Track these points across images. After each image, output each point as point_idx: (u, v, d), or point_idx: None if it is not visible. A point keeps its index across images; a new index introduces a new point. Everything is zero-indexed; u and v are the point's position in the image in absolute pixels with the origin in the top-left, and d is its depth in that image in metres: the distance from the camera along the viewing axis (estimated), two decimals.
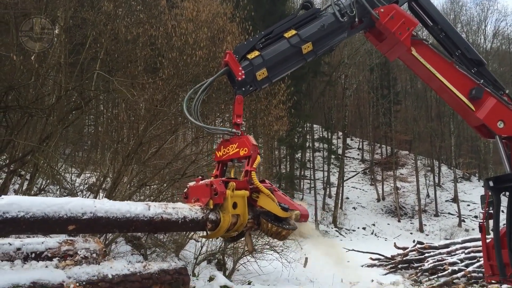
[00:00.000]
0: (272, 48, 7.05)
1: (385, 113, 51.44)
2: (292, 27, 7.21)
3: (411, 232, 40.90)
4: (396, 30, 7.67)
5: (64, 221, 4.36)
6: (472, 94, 7.83)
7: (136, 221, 4.97)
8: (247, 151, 6.19)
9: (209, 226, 5.78)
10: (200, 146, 16.91)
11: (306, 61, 7.48)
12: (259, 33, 7.20)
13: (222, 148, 6.55)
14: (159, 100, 12.39)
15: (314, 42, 7.33)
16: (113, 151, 13.56)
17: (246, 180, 6.04)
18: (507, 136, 8.06)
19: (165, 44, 13.21)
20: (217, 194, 5.72)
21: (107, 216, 4.64)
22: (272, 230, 6.16)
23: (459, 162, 52.26)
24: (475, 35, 58.04)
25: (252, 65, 6.80)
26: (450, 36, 8.28)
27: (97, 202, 4.72)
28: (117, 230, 5.71)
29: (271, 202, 6.14)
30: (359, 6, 7.64)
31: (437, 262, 19.25)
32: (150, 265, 5.72)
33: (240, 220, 5.90)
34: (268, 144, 34.74)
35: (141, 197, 14.90)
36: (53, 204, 4.29)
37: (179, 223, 5.50)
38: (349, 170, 50.73)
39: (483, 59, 8.31)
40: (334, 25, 7.48)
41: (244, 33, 14.88)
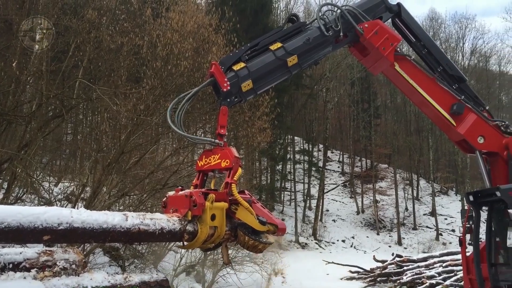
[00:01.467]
0: (258, 60, 7.06)
1: (365, 127, 52.02)
2: (278, 40, 7.23)
3: (389, 245, 41.18)
4: (380, 45, 7.81)
5: (39, 231, 4.37)
6: (453, 110, 7.96)
7: (112, 232, 4.97)
8: (229, 163, 6.21)
9: (186, 238, 5.74)
10: (182, 156, 16.81)
11: (291, 74, 7.50)
12: (245, 45, 7.21)
13: (204, 158, 6.51)
14: (142, 109, 12.30)
15: (299, 55, 7.37)
16: (93, 160, 13.39)
17: (225, 192, 6.04)
18: (487, 151, 8.20)
19: (149, 54, 13.16)
20: (196, 206, 5.72)
21: (84, 226, 4.65)
22: (249, 243, 6.17)
23: (437, 176, 53.03)
24: (453, 52, 59.27)
25: (238, 77, 6.79)
26: (432, 52, 8.42)
27: (74, 212, 4.69)
28: (93, 241, 5.66)
29: (249, 215, 6.13)
30: (344, 21, 7.73)
31: (415, 275, 19.42)
32: (131, 277, 5.62)
33: (218, 232, 5.91)
34: (250, 155, 34.74)
35: (121, 207, 14.70)
36: (29, 214, 4.27)
37: (156, 234, 5.49)
38: (329, 182, 50.98)
39: (464, 76, 8.50)
40: (319, 39, 7.53)
41: (229, 45, 14.92)
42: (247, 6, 35.61)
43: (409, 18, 8.59)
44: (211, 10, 15.92)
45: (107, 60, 14.03)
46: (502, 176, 7.98)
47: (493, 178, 8.14)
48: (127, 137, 12.25)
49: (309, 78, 48.11)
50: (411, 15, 8.67)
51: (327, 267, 25.32)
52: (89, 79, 13.82)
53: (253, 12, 36.05)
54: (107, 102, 11.60)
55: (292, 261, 22.57)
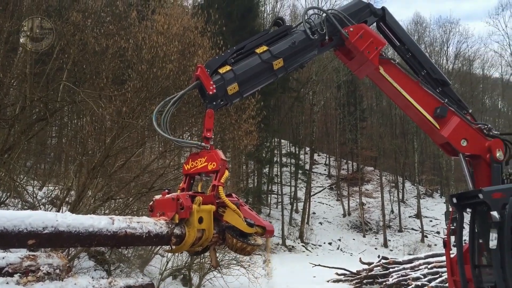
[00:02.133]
0: (244, 63, 7.05)
1: (351, 130, 52.35)
2: (264, 43, 7.25)
3: (376, 247, 41.43)
4: (364, 49, 7.84)
5: (24, 235, 4.30)
6: (436, 113, 8.05)
7: (99, 235, 4.89)
8: (216, 166, 6.17)
9: (173, 241, 5.72)
10: (168, 160, 16.72)
11: (277, 77, 7.54)
12: (231, 48, 7.22)
13: (190, 162, 6.48)
14: (127, 112, 12.22)
15: (285, 59, 7.39)
16: (77, 164, 13.26)
17: (213, 194, 6.00)
18: (470, 154, 8.29)
19: (135, 56, 13.08)
20: (183, 208, 5.68)
21: (69, 230, 4.57)
22: (237, 246, 6.14)
23: (422, 179, 53.53)
24: (437, 56, 60.01)
25: (224, 80, 6.75)
26: (416, 56, 8.49)
27: (59, 216, 4.62)
28: (79, 245, 5.59)
29: (237, 217, 6.09)
30: (329, 24, 7.77)
31: (401, 277, 19.54)
32: (116, 281, 5.56)
33: (205, 235, 5.88)
34: (236, 158, 34.70)
35: (107, 211, 14.57)
36: (14, 218, 4.19)
37: (143, 237, 5.44)
38: (316, 185, 51.15)
39: (448, 80, 8.58)
40: (305, 42, 7.59)
41: (215, 47, 14.90)
42: (234, 9, 35.66)
43: (394, 22, 8.67)
44: (197, 12, 15.89)
45: (91, 62, 13.91)
46: (485, 178, 8.06)
47: (476, 181, 8.21)
48: (112, 140, 12.15)
49: (295, 81, 48.29)
50: (395, 19, 8.75)
51: (314, 270, 25.39)
52: (74, 81, 13.70)
53: (240, 15, 36.10)
54: (91, 105, 11.51)
55: (279, 264, 22.59)
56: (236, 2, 36.48)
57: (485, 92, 66.64)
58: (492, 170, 7.96)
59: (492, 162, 7.96)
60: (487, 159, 8.00)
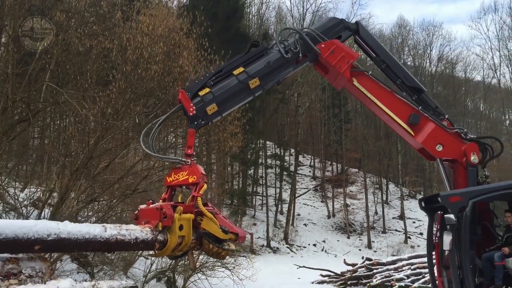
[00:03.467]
0: (221, 85, 7.65)
1: (336, 132, 52.65)
2: (241, 65, 7.82)
3: (360, 249, 41.71)
4: (336, 64, 8.31)
5: (32, 241, 4.86)
6: (410, 120, 8.35)
7: (94, 241, 5.48)
8: (196, 179, 6.90)
9: (157, 246, 6.30)
10: (152, 161, 16.62)
11: (254, 95, 8.12)
12: (210, 72, 7.81)
13: (173, 175, 7.19)
14: (111, 113, 12.11)
15: (260, 78, 7.92)
16: (60, 165, 13.10)
17: (192, 204, 6.67)
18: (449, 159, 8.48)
19: (119, 57, 12.97)
20: (166, 217, 6.29)
21: (69, 237, 5.15)
22: (213, 250, 6.87)
23: (406, 181, 54.07)
24: (421, 59, 60.81)
25: (203, 101, 7.43)
26: (390, 66, 8.83)
27: (61, 225, 5.21)
28: (77, 250, 6.27)
29: (213, 225, 6.74)
30: (303, 42, 8.31)
31: (385, 278, 19.71)
32: (99, 284, 5.51)
33: (185, 241, 6.45)
34: (221, 160, 34.65)
35: (89, 213, 14.44)
36: (23, 226, 4.82)
37: (131, 243, 6.04)
38: (301, 187, 51.30)
39: (422, 87, 8.87)
40: (280, 61, 8.09)
41: (200, 49, 14.86)
42: (219, 11, 35.61)
43: (367, 35, 9.10)
44: (182, 14, 15.82)
45: (75, 63, 13.75)
46: (462, 181, 8.24)
47: (456, 184, 8.40)
48: (96, 141, 12.04)
49: (280, 83, 48.37)
50: (368, 32, 9.25)
51: (299, 271, 25.45)
52: (57, 82, 13.53)
53: (225, 17, 36.07)
54: (75, 106, 11.39)
55: (263, 266, 22.57)
56: (221, 4, 36.44)
57: (467, 95, 67.61)
58: (467, 174, 8.14)
59: (468, 166, 8.13)
60: (463, 162, 8.18)
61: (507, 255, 7.74)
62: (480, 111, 70.79)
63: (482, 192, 7.63)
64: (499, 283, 7.65)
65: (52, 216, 11.66)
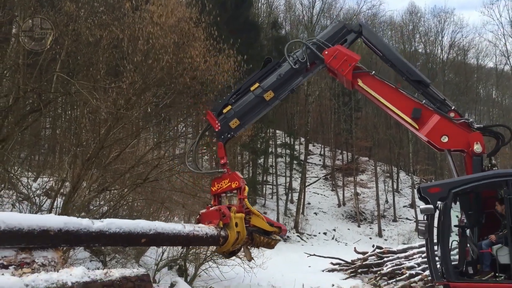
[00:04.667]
0: (241, 101, 9.04)
1: (346, 120, 52.39)
2: (257, 81, 9.09)
3: (370, 237, 41.72)
4: (338, 67, 9.05)
5: (139, 235, 6.48)
6: (412, 114, 8.72)
7: (179, 236, 7.13)
8: (238, 184, 8.49)
9: (221, 241, 7.94)
10: (163, 150, 16.71)
11: (271, 106, 9.38)
12: (231, 92, 9.40)
13: (216, 184, 8.89)
14: (122, 104, 12.17)
15: (274, 90, 9.07)
16: (72, 155, 13.21)
17: (241, 205, 8.34)
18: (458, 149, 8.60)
19: (130, 47, 12.98)
20: (225, 216, 7.91)
21: (163, 232, 6.79)
22: (264, 241, 8.61)
23: (417, 169, 53.77)
24: (432, 46, 60.08)
25: (226, 118, 8.95)
26: (394, 63, 9.32)
27: (156, 223, 7.00)
28: (168, 243, 8.43)
29: (261, 220, 8.53)
30: (309, 52, 9.24)
31: (395, 266, 19.72)
32: (111, 272, 5.59)
33: (241, 235, 8.01)
34: (231, 149, 34.70)
35: (101, 202, 14.59)
36: (132, 223, 6.44)
37: (203, 238, 7.75)
38: (311, 175, 51.30)
39: (426, 79, 9.22)
40: (290, 72, 9.16)
41: (209, 38, 14.82)
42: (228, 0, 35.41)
43: (370, 34, 9.72)
44: (191, 2, 15.76)
45: (85, 53, 13.80)
46: (469, 171, 8.37)
47: (466, 173, 8.54)
48: (107, 131, 12.11)
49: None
50: (372, 32, 9.93)
51: (309, 260, 25.55)
52: (68, 72, 13.59)
53: (234, 5, 35.86)
54: (86, 96, 11.46)
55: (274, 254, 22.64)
56: None
57: (479, 82, 66.84)
58: (472, 163, 8.29)
59: (473, 155, 8.27)
60: (469, 152, 8.35)
61: (493, 242, 7.90)
62: (493, 98, 69.98)
63: (462, 183, 7.91)
64: (486, 269, 7.87)
65: (65, 205, 11.81)
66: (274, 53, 43.23)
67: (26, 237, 5.26)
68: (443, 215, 7.84)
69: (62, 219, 5.76)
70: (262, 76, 9.30)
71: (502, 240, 7.72)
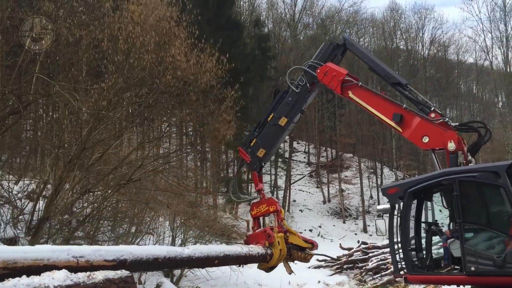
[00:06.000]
0: (262, 133, 10.86)
1: (330, 117, 52.65)
2: (272, 112, 10.76)
3: (355, 233, 42.05)
4: (329, 83, 10.18)
5: (214, 258, 9.02)
6: (393, 119, 9.29)
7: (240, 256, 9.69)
8: (276, 208, 10.65)
9: (268, 258, 10.00)
10: (146, 151, 16.59)
11: (288, 130, 11.06)
12: (253, 126, 11.61)
13: (254, 208, 11.06)
14: (104, 104, 12.05)
15: (286, 115, 10.57)
16: (54, 157, 13.04)
17: (280, 226, 10.50)
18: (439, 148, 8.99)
19: (110, 47, 12.84)
20: (270, 236, 9.97)
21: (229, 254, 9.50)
22: (301, 256, 10.74)
23: (400, 164, 54.32)
24: (413, 42, 60.64)
25: (253, 150, 10.83)
26: (375, 69, 10.25)
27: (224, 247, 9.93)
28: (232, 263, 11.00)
29: (297, 238, 10.61)
30: (306, 74, 10.57)
31: (380, 261, 19.92)
32: (94, 275, 5.56)
33: (282, 252, 10.09)
34: (216, 148, 34.66)
35: (85, 204, 14.43)
36: (208, 249, 9.20)
37: (256, 256, 9.93)
38: (296, 173, 51.48)
39: (403, 80, 9.90)
40: (295, 97, 10.56)
41: (190, 37, 14.75)
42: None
43: (352, 46, 10.75)
44: (172, 2, 15.65)
45: (65, 54, 13.62)
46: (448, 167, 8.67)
47: None
48: (88, 132, 11.98)
49: (273, 70, 48.21)
50: (353, 44, 10.97)
51: None
52: (47, 73, 13.41)
53: (216, 4, 35.68)
54: (67, 97, 11.32)
55: None
56: None
57: (460, 77, 67.68)
58: (449, 160, 8.68)
59: (449, 153, 8.66)
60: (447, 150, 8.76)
61: (449, 237, 8.24)
62: (473, 94, 70.97)
63: (417, 182, 8.42)
64: (446, 262, 8.25)
65: (47, 208, 11.66)
66: (257, 51, 43.26)
67: (146, 264, 7.42)
68: (402, 213, 8.36)
69: (165, 249, 8.42)
70: (274, 106, 10.78)
71: (455, 234, 8.01)
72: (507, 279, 7.26)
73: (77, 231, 13.63)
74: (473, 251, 7.57)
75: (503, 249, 7.39)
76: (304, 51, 46.31)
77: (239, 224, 31.68)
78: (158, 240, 16.88)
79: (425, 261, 8.37)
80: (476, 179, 7.72)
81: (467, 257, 7.57)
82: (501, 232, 7.62)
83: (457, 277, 7.85)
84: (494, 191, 7.73)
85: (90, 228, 14.40)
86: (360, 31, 60.31)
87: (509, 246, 7.37)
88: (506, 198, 7.42)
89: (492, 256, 7.38)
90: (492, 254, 7.41)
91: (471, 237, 7.79)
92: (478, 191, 8.01)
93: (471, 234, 7.82)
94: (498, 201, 7.77)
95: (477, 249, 7.58)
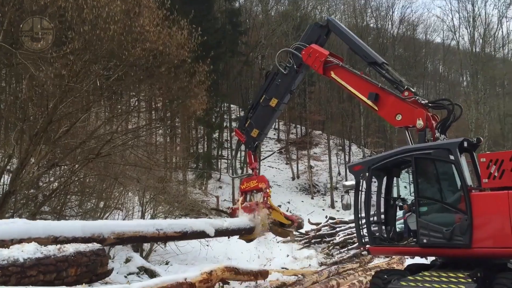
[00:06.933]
0: (255, 114, 11.62)
1: (300, 94, 52.78)
2: (263, 93, 11.48)
3: (323, 209, 42.78)
4: (312, 64, 10.58)
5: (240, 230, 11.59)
6: (369, 98, 9.56)
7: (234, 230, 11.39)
8: (266, 185, 11.54)
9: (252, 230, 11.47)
10: (115, 125, 16.28)
11: (280, 110, 11.77)
12: (247, 108, 12.04)
13: (245, 183, 12.09)
14: (71, 76, 11.68)
15: (276, 96, 11.21)
16: (19, 130, 12.64)
17: (265, 202, 11.40)
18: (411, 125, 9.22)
19: (75, 17, 12.39)
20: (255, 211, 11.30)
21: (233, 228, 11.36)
22: (279, 231, 11.86)
23: (368, 142, 55.24)
24: (383, 21, 61.09)
25: (248, 130, 11.70)
26: (353, 48, 10.58)
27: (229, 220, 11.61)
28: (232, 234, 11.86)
29: (279, 214, 11.55)
30: (293, 56, 11.05)
31: (347, 235, 20.38)
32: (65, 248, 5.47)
33: (264, 227, 11.29)
34: (186, 123, 34.35)
35: (51, 178, 14.14)
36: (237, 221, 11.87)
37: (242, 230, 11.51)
38: (266, 149, 51.68)
39: (379, 59, 10.10)
40: (284, 78, 11.14)
41: (161, 8, 14.39)
42: None
43: (334, 28, 10.99)
44: None
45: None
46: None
47: None
48: (55, 105, 11.63)
49: (244, 45, 47.79)
50: (336, 25, 11.08)
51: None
52: (11, 43, 12.89)
53: None
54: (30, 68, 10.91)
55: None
56: None
57: (427, 56, 68.78)
58: (418, 138, 9.02)
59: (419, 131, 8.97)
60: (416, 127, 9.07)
61: (407, 211, 8.68)
62: (439, 73, 72.36)
63: (379, 160, 8.80)
64: (405, 235, 8.71)
65: (12, 182, 11.36)
66: (227, 26, 42.71)
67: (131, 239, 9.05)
68: (367, 189, 8.72)
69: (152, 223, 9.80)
70: (266, 87, 11.43)
71: (412, 208, 8.45)
72: (455, 250, 7.74)
73: (43, 206, 13.36)
74: (426, 224, 8.02)
75: (452, 223, 7.83)
76: (275, 27, 46.01)
77: (208, 199, 31.67)
78: (127, 215, 16.75)
79: (388, 234, 8.74)
80: (430, 156, 8.09)
81: (421, 230, 8.03)
82: (451, 207, 8.07)
83: (412, 249, 8.41)
84: (447, 167, 8.16)
85: (57, 203, 14.14)
86: (332, 8, 60.22)
87: (458, 220, 7.79)
88: (456, 174, 7.86)
89: (442, 229, 7.82)
90: (442, 227, 7.85)
91: (425, 211, 8.24)
92: (433, 167, 8.38)
93: (425, 208, 8.29)
94: (450, 176, 8.20)
95: (430, 222, 8.02)
